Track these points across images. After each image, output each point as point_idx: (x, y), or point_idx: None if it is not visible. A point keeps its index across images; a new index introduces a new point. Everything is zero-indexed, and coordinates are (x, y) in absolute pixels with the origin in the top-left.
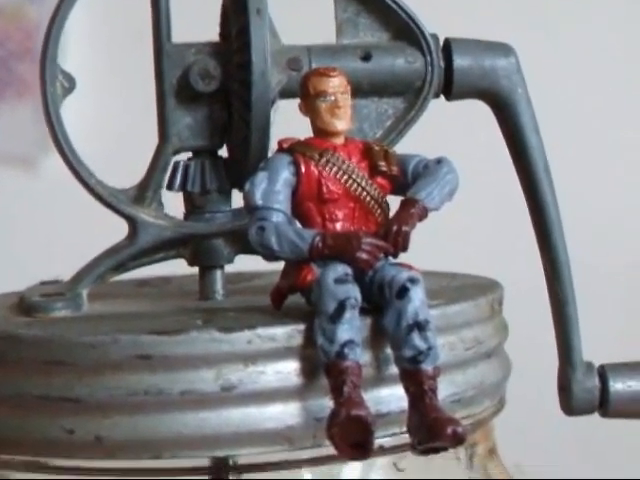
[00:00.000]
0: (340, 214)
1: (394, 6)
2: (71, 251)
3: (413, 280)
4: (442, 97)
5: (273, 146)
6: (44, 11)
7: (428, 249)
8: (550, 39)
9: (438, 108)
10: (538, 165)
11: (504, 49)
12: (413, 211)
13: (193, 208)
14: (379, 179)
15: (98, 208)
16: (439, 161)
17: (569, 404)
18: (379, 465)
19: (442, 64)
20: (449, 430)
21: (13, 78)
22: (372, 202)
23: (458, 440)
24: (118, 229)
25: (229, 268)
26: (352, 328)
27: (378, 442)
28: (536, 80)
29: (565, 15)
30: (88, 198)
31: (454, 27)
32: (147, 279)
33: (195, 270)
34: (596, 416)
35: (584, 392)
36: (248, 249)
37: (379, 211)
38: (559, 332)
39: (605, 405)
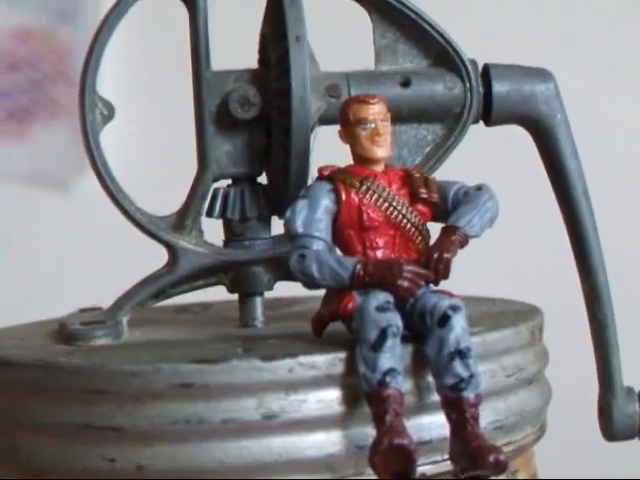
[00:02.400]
0: (381, 242)
1: (433, 32)
2: (107, 273)
3: (454, 308)
4: (481, 123)
5: (313, 173)
6: (77, 33)
7: (468, 274)
8: (590, 64)
9: (477, 134)
10: (577, 189)
11: (543, 74)
12: (454, 238)
13: (233, 235)
14: (419, 206)
15: (135, 230)
16: (479, 188)
17: (610, 429)
18: None
19: (481, 90)
20: (491, 458)
21: (47, 100)
22: (413, 229)
23: (500, 468)
24: (154, 251)
25: (268, 293)
26: (394, 356)
27: (420, 470)
28: (575, 105)
29: (605, 40)
30: (125, 220)
31: (493, 52)
32: (186, 305)
33: (234, 295)
34: (637, 441)
35: (625, 417)
36: (288, 276)
37: (420, 238)
38: (599, 357)
39: None
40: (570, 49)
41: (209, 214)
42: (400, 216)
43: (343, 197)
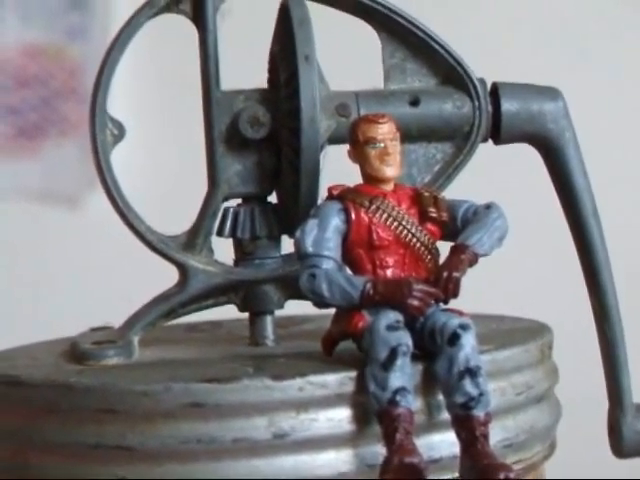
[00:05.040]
0: (390, 261)
1: (441, 51)
2: (117, 291)
3: (464, 327)
4: (490, 141)
5: (322, 192)
6: (87, 50)
7: (477, 292)
8: (599, 82)
9: (486, 152)
10: (586, 208)
11: (552, 93)
12: (463, 257)
13: (243, 254)
14: (429, 225)
15: (145, 248)
16: (488, 207)
17: (619, 446)
18: None
19: (490, 108)
20: (501, 476)
21: (57, 117)
22: (422, 248)
23: None
24: (165, 269)
25: (278, 312)
26: (404, 375)
27: None
28: (584, 124)
29: (614, 58)
30: (135, 238)
31: (501, 71)
32: (196, 323)
33: (244, 314)
34: None
35: (634, 434)
36: (298, 295)
37: (429, 257)
38: (608, 374)
39: None
40: (579, 67)
41: (219, 233)
42: (410, 235)
43: (353, 216)
